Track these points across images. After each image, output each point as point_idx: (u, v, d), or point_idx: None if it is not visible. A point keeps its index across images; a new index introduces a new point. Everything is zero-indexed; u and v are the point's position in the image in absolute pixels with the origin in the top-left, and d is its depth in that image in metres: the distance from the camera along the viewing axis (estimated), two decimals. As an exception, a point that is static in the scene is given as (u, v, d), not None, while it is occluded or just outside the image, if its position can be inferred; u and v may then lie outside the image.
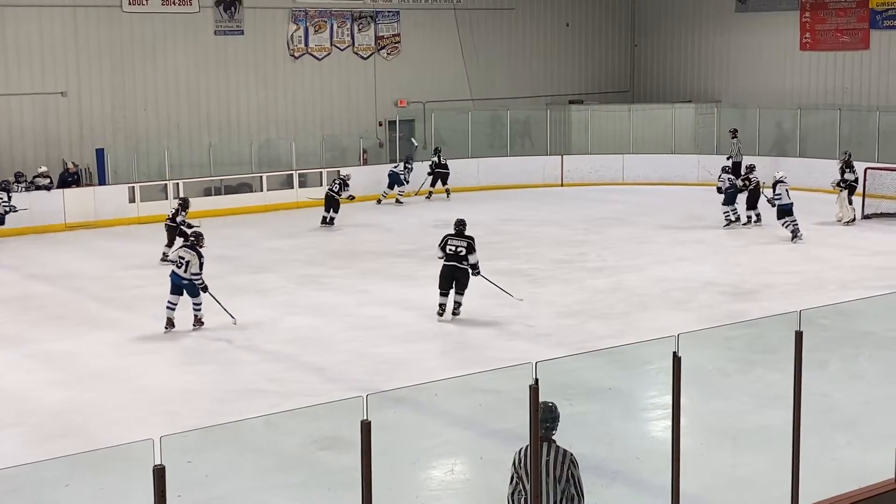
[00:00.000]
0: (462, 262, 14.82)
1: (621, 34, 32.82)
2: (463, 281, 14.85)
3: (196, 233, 15.34)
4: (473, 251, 14.88)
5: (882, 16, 27.16)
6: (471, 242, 14.91)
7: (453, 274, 14.83)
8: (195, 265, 14.55)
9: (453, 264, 14.83)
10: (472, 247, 14.89)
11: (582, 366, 10.53)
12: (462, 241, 14.89)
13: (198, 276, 14.58)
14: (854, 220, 21.68)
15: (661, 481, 6.91)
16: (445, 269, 14.87)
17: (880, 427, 8.28)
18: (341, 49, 28.08)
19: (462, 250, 14.81)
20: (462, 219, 15.31)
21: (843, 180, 21.89)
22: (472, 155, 28.38)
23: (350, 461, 5.79)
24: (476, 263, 14.94)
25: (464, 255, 14.80)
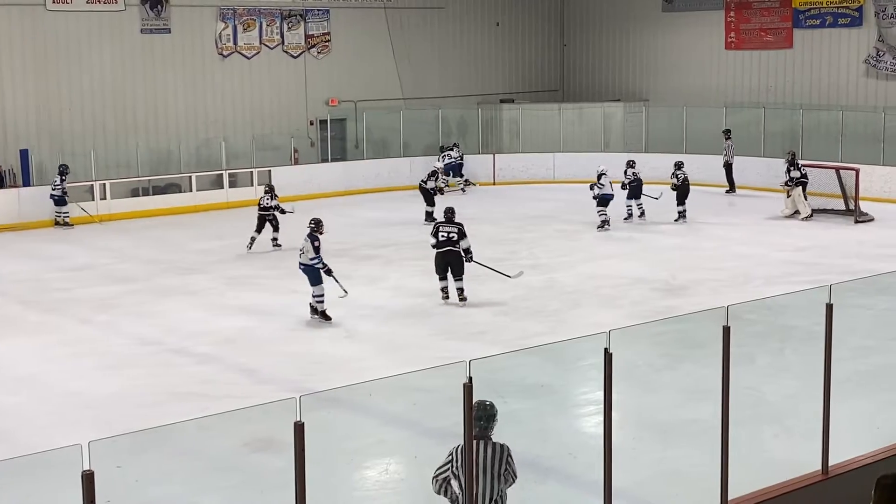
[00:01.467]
0: (455, 246, 15.49)
1: (551, 34, 33.04)
2: (457, 265, 15.49)
3: (315, 220, 15.25)
4: (465, 236, 15.57)
5: (805, 15, 27.68)
6: (461, 228, 15.58)
7: (446, 259, 15.51)
8: (309, 251, 14.67)
9: (446, 249, 15.48)
10: (463, 232, 15.59)
11: (516, 363, 10.59)
12: (453, 227, 15.58)
13: (315, 259, 14.64)
14: (811, 216, 22.07)
15: (593, 476, 6.97)
16: (438, 256, 15.57)
17: (807, 420, 8.43)
18: (271, 48, 27.88)
19: (454, 235, 15.52)
20: (451, 207, 16.22)
21: (791, 178, 22.30)
22: (404, 154, 28.36)
23: (283, 463, 5.76)
24: (468, 248, 15.56)
25: (456, 240, 15.49)
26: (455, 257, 15.48)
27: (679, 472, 9.29)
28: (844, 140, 25.87)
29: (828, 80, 27.30)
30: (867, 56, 26.46)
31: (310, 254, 14.64)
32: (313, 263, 14.63)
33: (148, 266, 18.92)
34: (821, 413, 7.90)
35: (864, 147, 25.34)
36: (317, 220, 15.02)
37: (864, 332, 12.96)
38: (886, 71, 26.17)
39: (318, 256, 14.61)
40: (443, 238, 15.51)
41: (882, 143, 25.14)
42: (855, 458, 8.22)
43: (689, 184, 22.10)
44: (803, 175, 22.31)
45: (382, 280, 17.40)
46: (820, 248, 19.38)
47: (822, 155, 25.35)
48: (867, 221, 21.80)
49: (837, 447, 8.00)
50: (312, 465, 5.65)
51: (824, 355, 7.90)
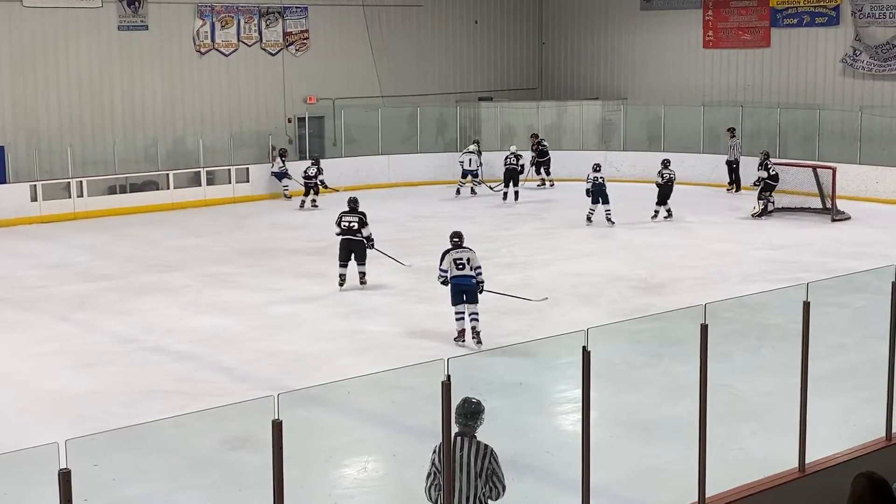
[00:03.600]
0: (356, 234, 16.30)
1: (529, 32, 33.06)
2: (359, 252, 16.32)
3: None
4: (365, 225, 16.39)
5: (782, 14, 27.82)
6: (362, 217, 16.40)
7: (349, 246, 16.28)
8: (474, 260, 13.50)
9: (348, 238, 16.30)
10: (364, 221, 16.38)
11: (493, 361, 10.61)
12: (354, 217, 16.42)
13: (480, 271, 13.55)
14: (762, 214, 22.16)
15: (572, 474, 6.98)
16: (342, 243, 16.37)
17: (783, 417, 8.48)
18: (249, 45, 27.78)
19: (355, 225, 16.33)
20: (355, 196, 17.05)
21: (759, 178, 22.42)
22: (382, 152, 28.34)
23: (261, 461, 5.74)
24: (369, 236, 16.44)
25: (356, 228, 16.29)
26: (357, 244, 16.30)
27: (657, 469, 9.33)
28: (821, 139, 26.03)
29: (805, 79, 27.44)
30: (844, 55, 26.62)
31: (475, 262, 13.43)
32: (478, 277, 13.39)
33: (125, 264, 18.83)
34: (797, 410, 7.95)
35: (841, 146, 25.51)
36: (458, 234, 13.82)
37: (841, 329, 13.04)
38: (863, 70, 26.33)
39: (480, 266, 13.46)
40: (345, 227, 16.35)
41: (858, 141, 25.30)
42: (832, 455, 8.27)
43: (674, 183, 22.16)
44: (771, 177, 22.43)
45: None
46: (797, 246, 19.49)
47: (799, 153, 25.52)
48: (844, 220, 21.94)
49: (814, 444, 8.04)
50: (290, 463, 5.64)
51: (801, 353, 7.95)
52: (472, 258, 13.43)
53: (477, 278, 13.37)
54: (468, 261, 13.40)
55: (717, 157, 26.48)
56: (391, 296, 16.18)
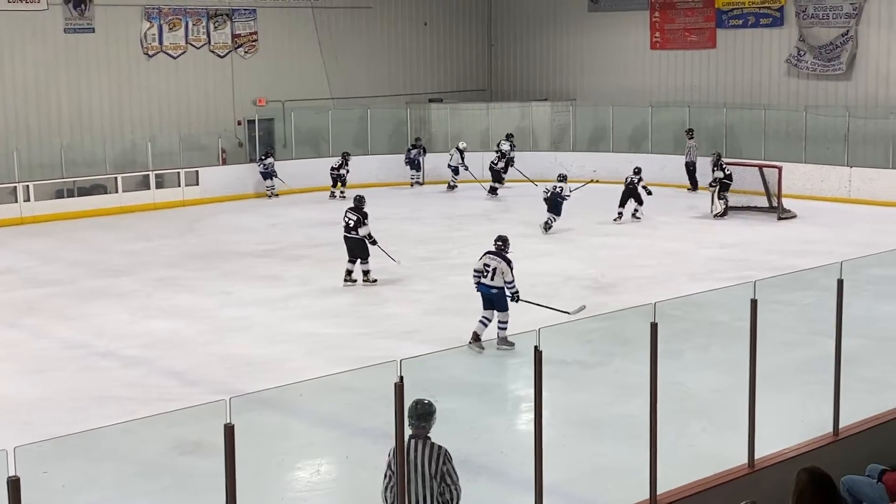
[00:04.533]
0: (351, 232, 16.52)
1: (478, 34, 33.14)
2: (358, 249, 16.51)
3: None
4: (363, 224, 16.47)
5: (727, 15, 28.12)
6: (360, 217, 16.48)
7: (348, 244, 16.59)
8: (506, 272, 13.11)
9: (346, 235, 16.62)
10: (361, 220, 16.47)
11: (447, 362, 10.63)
12: (353, 215, 16.56)
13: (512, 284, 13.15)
14: (725, 214, 22.39)
15: (525, 474, 7.02)
16: (344, 240, 16.69)
17: (733, 414, 8.58)
18: (197, 47, 27.58)
19: (351, 222, 16.55)
20: (361, 195, 17.16)
21: (715, 179, 22.65)
22: (333, 153, 28.26)
23: (213, 465, 5.71)
24: (368, 234, 16.46)
25: (352, 226, 16.51)
26: (354, 243, 16.51)
27: (609, 467, 9.40)
28: (767, 138, 26.35)
29: (750, 80, 27.76)
30: (789, 56, 26.97)
31: (507, 276, 13.00)
32: (508, 287, 13.03)
33: (73, 268, 18.61)
34: (746, 407, 8.05)
35: (787, 145, 25.85)
36: (504, 238, 13.53)
37: (788, 326, 13.21)
38: (807, 70, 26.69)
39: (513, 280, 13.04)
40: (344, 224, 16.69)
41: (804, 141, 25.65)
42: (780, 450, 8.38)
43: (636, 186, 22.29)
44: (727, 176, 22.68)
45: (313, 280, 17.32)
46: (744, 244, 19.72)
47: (745, 153, 25.83)
48: (790, 218, 22.23)
49: (763, 441, 8.15)
50: (243, 467, 5.62)
51: (749, 350, 8.05)
52: (499, 269, 13.00)
53: (505, 290, 12.98)
54: (494, 271, 13.02)
55: (666, 158, 26.73)
56: (344, 297, 16.15)
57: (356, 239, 16.54)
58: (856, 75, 25.88)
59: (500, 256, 13.18)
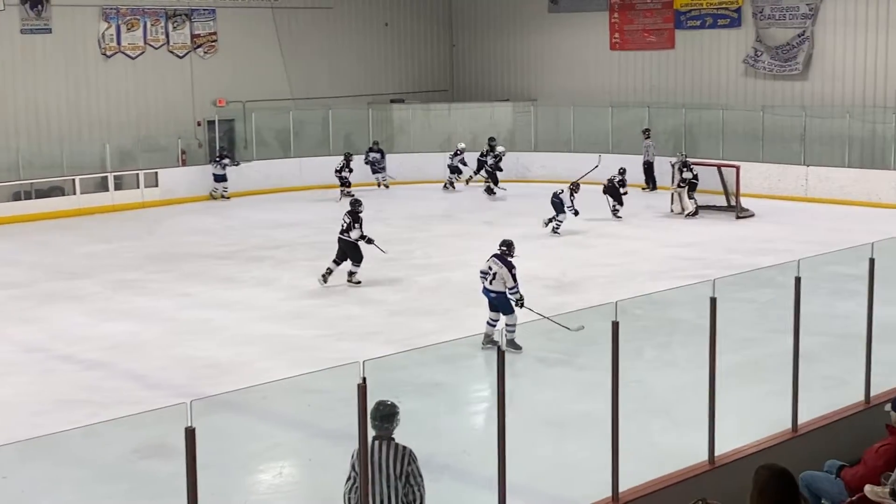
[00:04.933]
0: (344, 234, 16.62)
1: (440, 34, 33.16)
2: (350, 252, 16.57)
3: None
4: (353, 228, 16.60)
5: (686, 16, 28.33)
6: (351, 221, 16.62)
7: (340, 245, 16.66)
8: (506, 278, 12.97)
9: (339, 237, 16.71)
10: (352, 225, 16.60)
11: (409, 363, 10.63)
12: (348, 218, 16.75)
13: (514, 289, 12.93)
14: (696, 213, 22.56)
15: (488, 473, 7.04)
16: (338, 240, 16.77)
17: (693, 411, 8.65)
18: (156, 48, 27.38)
19: (344, 225, 16.68)
20: (358, 199, 17.40)
21: (683, 179, 22.80)
22: (294, 154, 28.19)
23: (175, 469, 5.69)
24: (360, 236, 16.64)
25: (345, 229, 16.61)
26: (347, 245, 16.55)
27: (571, 465, 9.45)
28: (725, 138, 26.58)
29: (709, 80, 27.98)
30: (746, 56, 27.21)
31: (508, 281, 12.89)
32: (510, 292, 12.92)
33: (32, 271, 18.42)
34: (707, 404, 8.12)
35: (744, 145, 26.09)
36: (508, 243, 13.45)
37: (747, 324, 13.34)
38: (764, 70, 26.95)
39: (516, 285, 12.92)
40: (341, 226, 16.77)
41: (761, 140, 25.90)
42: (740, 447, 8.46)
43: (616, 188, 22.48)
44: (694, 176, 22.87)
45: (274, 281, 17.27)
46: (703, 243, 19.88)
47: (704, 153, 26.02)
48: (748, 217, 22.45)
49: (723, 437, 8.23)
50: (204, 470, 5.59)
51: (709, 348, 8.12)
52: (499, 274, 12.91)
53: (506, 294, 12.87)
54: (494, 275, 12.94)
55: (626, 158, 26.81)
56: (307, 299, 16.11)
57: (348, 241, 16.60)
58: (812, 75, 26.17)
59: (503, 261, 13.05)
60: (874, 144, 24.87)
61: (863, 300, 9.57)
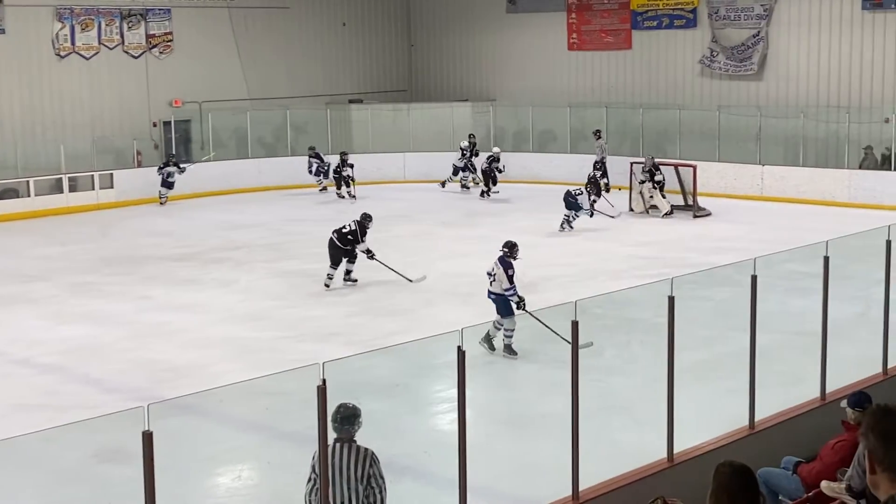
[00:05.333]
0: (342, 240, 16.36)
1: (398, 34, 33.13)
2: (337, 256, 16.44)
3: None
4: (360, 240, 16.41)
5: (642, 17, 28.51)
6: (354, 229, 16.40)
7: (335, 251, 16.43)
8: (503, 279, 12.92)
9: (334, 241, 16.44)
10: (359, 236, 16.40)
11: (370, 364, 10.62)
12: (354, 226, 16.51)
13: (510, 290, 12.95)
14: (672, 212, 22.69)
15: (449, 474, 7.05)
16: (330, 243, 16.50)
17: (653, 409, 8.71)
18: (110, 48, 27.12)
19: (346, 229, 16.47)
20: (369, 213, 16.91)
21: (657, 182, 22.92)
22: (252, 155, 28.03)
23: (133, 473, 5.65)
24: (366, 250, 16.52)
25: (346, 233, 16.39)
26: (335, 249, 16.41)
27: (532, 465, 9.47)
28: (682, 138, 26.77)
29: (665, 80, 28.18)
30: (702, 56, 27.44)
31: (503, 283, 12.91)
32: (507, 294, 12.94)
33: (-15, 275, 18.18)
34: (665, 402, 8.18)
35: (701, 144, 26.29)
36: (511, 244, 13.40)
37: (705, 322, 13.46)
38: (720, 71, 27.18)
39: (512, 287, 12.90)
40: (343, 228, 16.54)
41: (717, 140, 26.11)
42: (699, 444, 8.53)
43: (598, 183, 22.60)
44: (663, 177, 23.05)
45: (233, 283, 17.17)
46: (661, 242, 20.01)
47: (661, 152, 26.17)
48: (705, 216, 22.63)
49: (682, 435, 8.29)
50: (163, 474, 5.56)
51: (667, 346, 8.18)
52: (498, 275, 12.92)
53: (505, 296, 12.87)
54: (494, 276, 12.98)
55: (585, 157, 26.95)
56: (266, 300, 16.02)
57: (341, 249, 16.43)
58: (767, 75, 26.43)
59: (502, 262, 13.00)
60: (828, 144, 25.17)
61: (818, 298, 9.69)
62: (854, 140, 24.52)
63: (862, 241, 11.79)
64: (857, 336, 11.80)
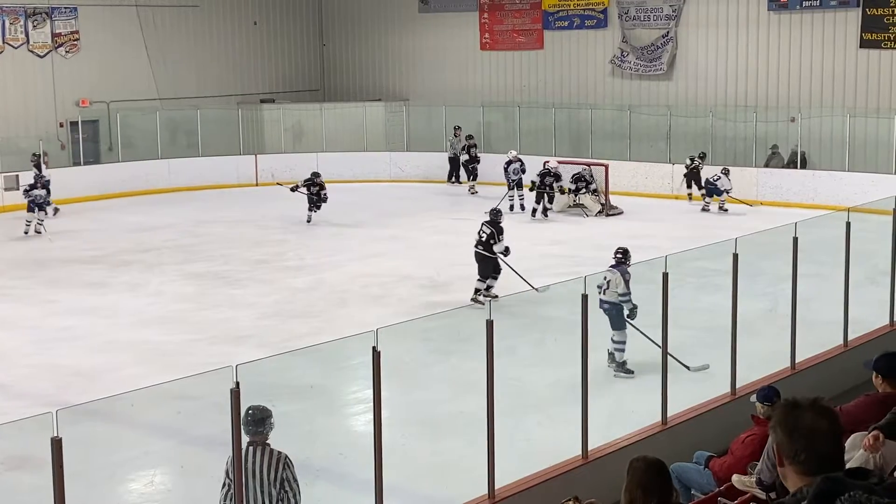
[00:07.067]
0: (479, 247, 15.36)
1: (310, 33, 32.92)
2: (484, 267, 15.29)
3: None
4: (497, 240, 15.28)
5: (554, 17, 28.76)
6: (493, 231, 15.32)
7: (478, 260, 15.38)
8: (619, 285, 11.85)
9: (477, 250, 15.40)
10: (495, 235, 15.29)
11: (283, 366, 10.51)
12: (488, 228, 15.42)
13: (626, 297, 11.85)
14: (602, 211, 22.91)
15: (365, 475, 7.02)
16: (475, 255, 15.44)
17: (567, 407, 8.78)
18: (15, 47, 26.47)
19: (484, 236, 15.37)
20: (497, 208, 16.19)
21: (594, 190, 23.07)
22: (161, 156, 27.59)
23: (41, 480, 5.51)
24: (504, 250, 15.30)
25: (485, 240, 15.32)
26: (481, 259, 15.35)
27: (449, 464, 9.48)
28: (594, 137, 27.08)
29: (577, 80, 28.45)
30: (612, 56, 27.77)
31: (619, 288, 11.88)
32: (622, 300, 11.89)
33: None
34: (580, 400, 8.25)
35: (612, 143, 26.61)
36: (625, 250, 12.37)
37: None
38: (630, 71, 27.54)
39: (629, 293, 11.86)
40: (478, 237, 15.52)
41: (628, 139, 26.46)
42: (613, 441, 8.63)
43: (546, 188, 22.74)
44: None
45: (142, 286, 16.87)
46: (573, 241, 20.19)
47: (573, 151, 26.46)
48: (617, 215, 22.90)
49: (596, 432, 8.37)
50: (72, 481, 5.44)
51: (581, 344, 8.25)
52: (613, 281, 11.91)
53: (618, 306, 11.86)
54: (609, 284, 11.96)
55: (499, 157, 27.02)
56: (176, 303, 15.78)
57: (480, 254, 15.37)
58: (676, 75, 26.86)
59: (619, 269, 12.09)
60: (736, 143, 25.67)
61: (727, 294, 9.87)
62: (761, 139, 25.06)
63: (770, 238, 12.03)
64: (766, 332, 12.05)
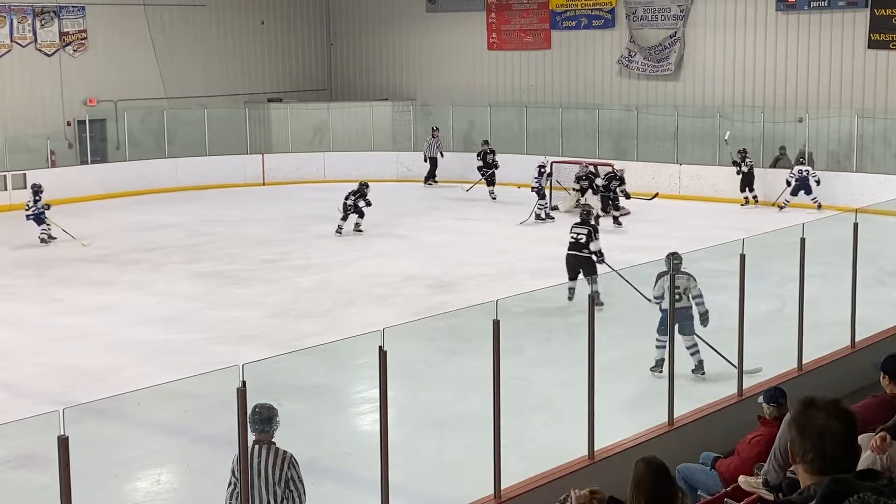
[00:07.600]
0: (583, 249, 14.81)
1: (317, 32, 32.94)
2: (587, 269, 14.64)
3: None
4: (594, 239, 14.84)
5: (561, 17, 28.74)
6: (590, 231, 14.89)
7: (569, 262, 14.84)
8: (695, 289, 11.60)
9: (574, 253, 14.87)
10: (592, 234, 14.86)
11: (290, 365, 10.53)
12: (583, 229, 14.94)
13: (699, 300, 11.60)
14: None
15: (371, 474, 7.02)
16: (568, 258, 14.91)
17: (573, 407, 8.77)
18: (23, 46, 26.51)
19: (582, 238, 14.86)
20: (588, 206, 15.82)
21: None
22: (169, 155, 27.63)
23: (48, 479, 5.53)
24: (598, 251, 14.81)
25: (584, 242, 14.82)
26: (583, 261, 14.73)
27: (455, 464, 9.48)
28: (601, 137, 27.05)
29: (584, 80, 28.43)
30: (620, 56, 27.74)
31: (693, 291, 11.51)
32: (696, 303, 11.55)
33: None
34: (586, 400, 8.24)
35: (619, 144, 26.59)
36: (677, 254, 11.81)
37: (624, 320, 13.58)
38: (638, 71, 27.50)
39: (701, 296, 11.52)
40: (572, 240, 15.01)
41: (635, 139, 26.43)
42: (619, 441, 8.62)
43: None
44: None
45: (150, 285, 16.89)
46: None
47: (580, 152, 26.42)
48: (624, 215, 22.85)
49: (602, 432, 8.36)
50: (79, 480, 5.45)
51: (588, 344, 8.24)
52: (688, 287, 11.45)
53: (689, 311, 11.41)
54: (685, 291, 11.42)
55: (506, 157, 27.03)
56: (183, 303, 15.80)
57: (584, 257, 14.77)
58: (684, 75, 26.81)
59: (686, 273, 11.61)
60: (744, 143, 25.59)
61: (734, 295, 9.84)
62: (769, 140, 25.01)
63: (777, 238, 12.00)
64: (773, 332, 12.02)
